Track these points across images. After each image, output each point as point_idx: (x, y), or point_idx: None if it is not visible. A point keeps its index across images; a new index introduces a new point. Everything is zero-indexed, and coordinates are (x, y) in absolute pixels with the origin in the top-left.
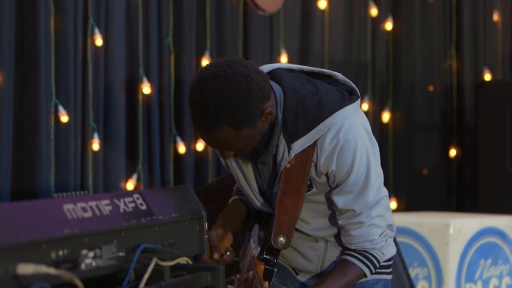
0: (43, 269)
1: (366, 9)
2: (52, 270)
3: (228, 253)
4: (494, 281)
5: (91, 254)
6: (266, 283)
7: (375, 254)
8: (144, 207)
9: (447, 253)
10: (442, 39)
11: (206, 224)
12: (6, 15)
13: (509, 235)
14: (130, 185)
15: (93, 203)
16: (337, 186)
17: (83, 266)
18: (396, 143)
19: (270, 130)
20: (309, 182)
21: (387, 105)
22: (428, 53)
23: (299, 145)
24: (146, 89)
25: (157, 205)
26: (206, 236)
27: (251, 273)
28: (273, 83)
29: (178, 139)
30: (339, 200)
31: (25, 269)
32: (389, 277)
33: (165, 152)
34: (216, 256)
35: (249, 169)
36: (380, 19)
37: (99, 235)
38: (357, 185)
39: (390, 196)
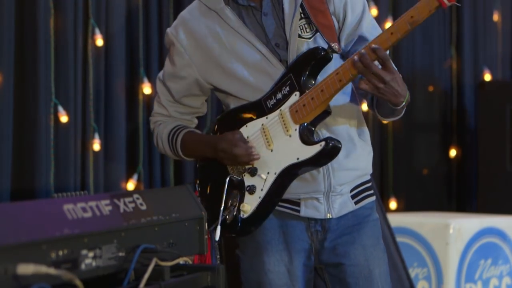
0: (43, 269)
1: None
2: (52, 270)
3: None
4: (494, 281)
5: (91, 254)
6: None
7: None
8: (144, 207)
9: (447, 253)
10: (442, 39)
11: (206, 224)
12: (6, 15)
13: (509, 235)
14: (130, 185)
15: (93, 203)
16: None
17: (83, 266)
18: (396, 143)
19: None
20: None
21: None
22: (428, 53)
23: None
24: (147, 89)
25: (157, 205)
26: (206, 236)
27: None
28: None
29: None
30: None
31: (25, 269)
32: (374, 197)
33: None
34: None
35: (253, 24)
36: (380, 19)
37: (99, 235)
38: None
39: (390, 196)
